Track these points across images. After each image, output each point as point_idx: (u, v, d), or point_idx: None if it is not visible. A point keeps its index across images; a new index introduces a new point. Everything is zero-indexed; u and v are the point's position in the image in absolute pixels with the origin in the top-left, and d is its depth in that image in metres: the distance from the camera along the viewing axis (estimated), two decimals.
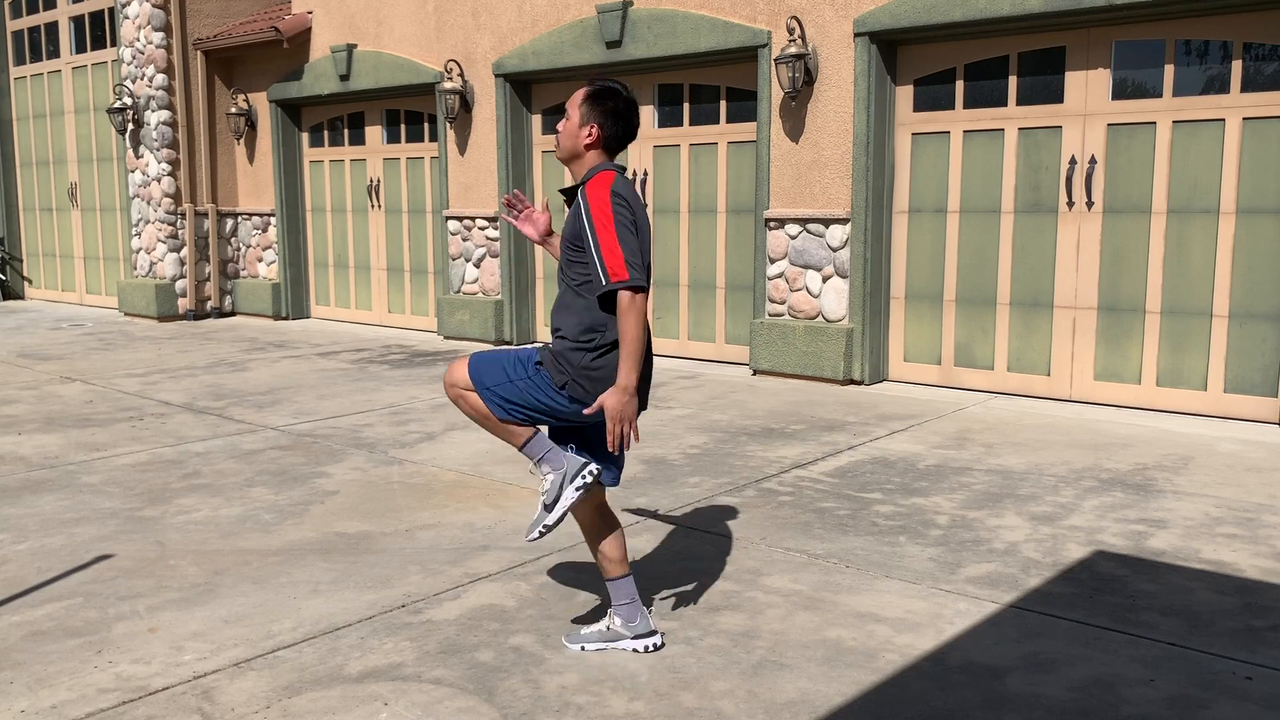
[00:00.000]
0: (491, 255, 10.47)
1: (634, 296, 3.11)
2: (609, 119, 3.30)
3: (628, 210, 3.18)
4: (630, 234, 3.15)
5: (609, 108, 3.30)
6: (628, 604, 3.45)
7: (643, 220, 3.33)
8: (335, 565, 4.27)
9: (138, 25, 12.34)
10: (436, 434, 6.56)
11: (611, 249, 3.12)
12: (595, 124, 3.29)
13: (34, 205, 15.46)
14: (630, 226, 3.16)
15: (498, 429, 3.32)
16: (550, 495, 3.28)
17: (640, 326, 3.13)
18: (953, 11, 7.28)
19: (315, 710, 3.07)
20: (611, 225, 3.13)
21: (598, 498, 3.53)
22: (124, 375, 8.85)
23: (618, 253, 3.11)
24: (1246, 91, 6.59)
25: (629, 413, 3.16)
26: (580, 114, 3.31)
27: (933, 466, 5.68)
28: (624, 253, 3.11)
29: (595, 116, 3.29)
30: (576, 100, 3.33)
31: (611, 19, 9.00)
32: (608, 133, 3.30)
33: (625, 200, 3.18)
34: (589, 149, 3.31)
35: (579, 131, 3.31)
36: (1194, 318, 6.90)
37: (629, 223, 3.16)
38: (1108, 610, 3.75)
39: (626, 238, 3.13)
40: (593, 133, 3.29)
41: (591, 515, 3.50)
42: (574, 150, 3.33)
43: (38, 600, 3.93)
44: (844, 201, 7.98)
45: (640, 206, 3.30)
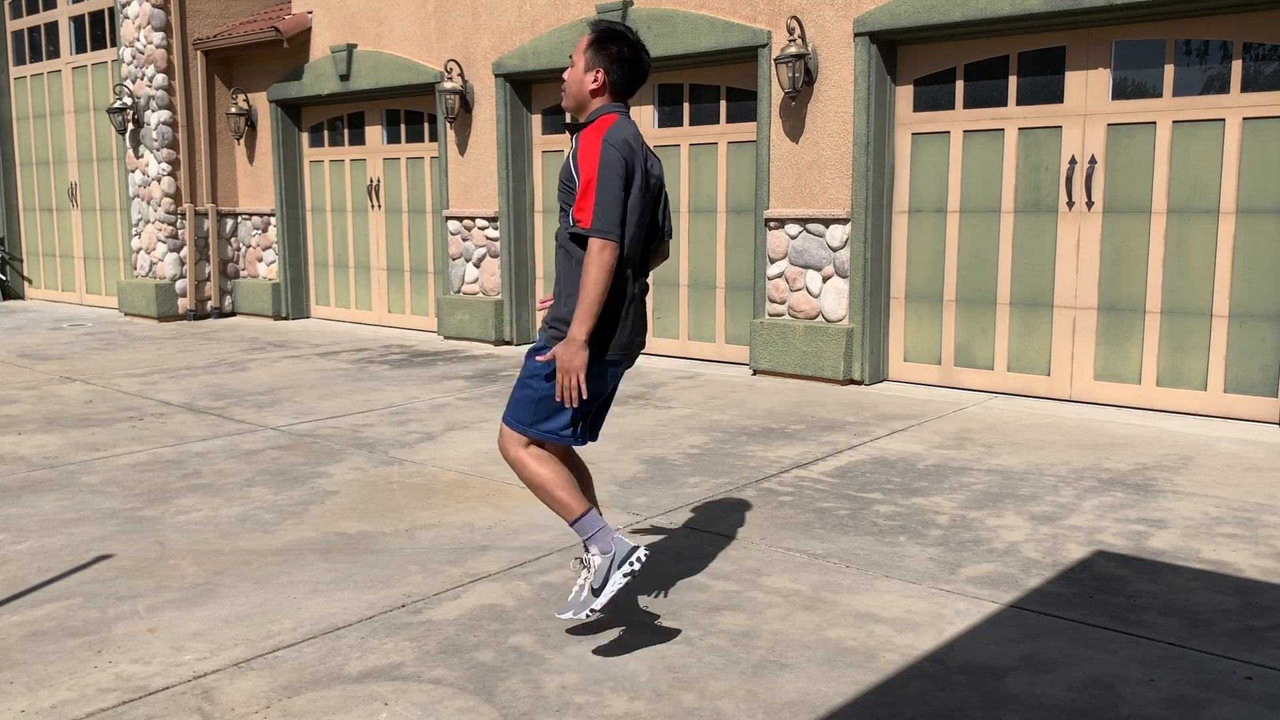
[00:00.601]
0: (491, 255, 10.47)
1: (603, 245, 3.04)
2: (614, 64, 3.22)
3: (618, 158, 3.08)
4: (613, 186, 3.06)
5: (614, 52, 3.22)
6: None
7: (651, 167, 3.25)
8: (335, 565, 4.27)
9: (138, 25, 12.34)
10: (436, 434, 6.56)
11: (586, 195, 3.06)
12: (600, 69, 3.22)
13: (34, 205, 15.46)
14: (614, 177, 3.07)
15: (554, 501, 3.28)
16: (598, 579, 3.23)
17: (601, 278, 3.05)
18: (953, 11, 7.28)
19: (315, 710, 3.07)
20: (594, 173, 3.06)
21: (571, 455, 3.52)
22: (124, 375, 8.85)
23: (590, 199, 3.05)
24: (1246, 91, 6.59)
25: (576, 364, 3.10)
26: (585, 59, 3.24)
27: (933, 466, 5.68)
28: (597, 203, 3.05)
29: (600, 61, 3.22)
30: (581, 46, 3.26)
31: (611, 19, 9.00)
32: (614, 78, 3.23)
33: (617, 147, 3.09)
34: (595, 95, 3.25)
35: (584, 77, 3.24)
36: (1194, 318, 6.90)
37: (614, 173, 3.07)
38: (1108, 610, 3.75)
39: (607, 188, 3.05)
40: (598, 78, 3.22)
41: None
42: (580, 97, 3.26)
43: (38, 600, 3.93)
44: (844, 201, 7.98)
45: (641, 154, 3.20)
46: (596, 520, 3.29)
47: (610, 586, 3.23)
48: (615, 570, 3.23)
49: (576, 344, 3.11)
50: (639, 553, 3.24)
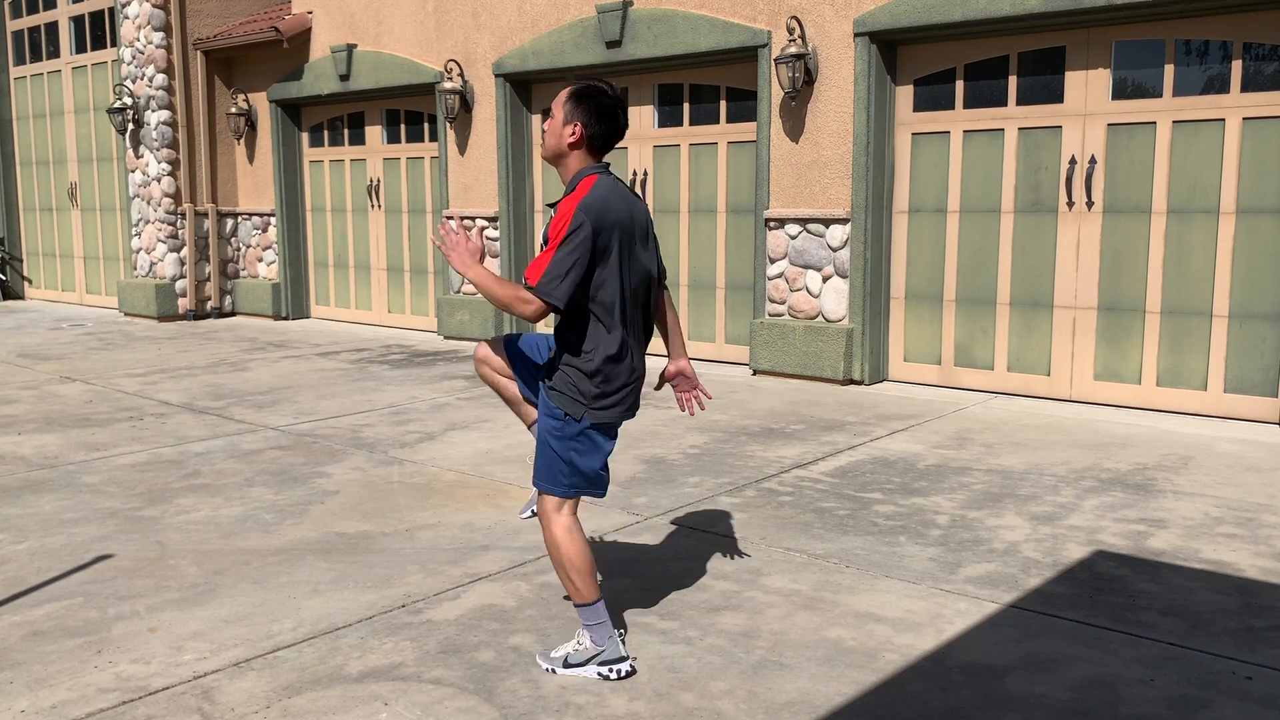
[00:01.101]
0: (491, 255, 10.46)
1: (531, 300, 3.12)
2: (593, 118, 3.27)
3: (586, 228, 3.12)
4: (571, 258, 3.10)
5: (592, 107, 3.27)
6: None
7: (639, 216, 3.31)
8: (335, 565, 4.27)
9: (138, 25, 12.34)
10: (436, 434, 6.56)
11: (545, 257, 3.13)
12: (579, 122, 3.26)
13: (34, 205, 15.46)
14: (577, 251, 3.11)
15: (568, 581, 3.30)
16: (577, 658, 3.29)
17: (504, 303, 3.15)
18: (953, 11, 7.28)
19: (315, 710, 3.07)
20: (559, 240, 3.13)
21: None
22: (124, 375, 8.85)
23: (544, 264, 3.12)
24: (1246, 91, 6.59)
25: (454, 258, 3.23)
26: (564, 113, 3.28)
27: (933, 466, 5.68)
28: (550, 266, 3.11)
29: (579, 115, 3.27)
30: (561, 99, 3.31)
31: (611, 19, 9.00)
32: (591, 131, 3.27)
33: (589, 217, 3.13)
34: (573, 148, 3.29)
35: (562, 130, 3.29)
36: (1194, 318, 6.90)
37: (581, 247, 3.12)
38: (1107, 610, 3.75)
39: (563, 259, 3.11)
40: (576, 131, 3.27)
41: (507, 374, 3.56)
42: (558, 149, 3.32)
43: (38, 600, 3.93)
44: (844, 201, 7.98)
45: (622, 204, 3.24)
46: (601, 613, 3.32)
47: (582, 671, 3.28)
48: (594, 664, 3.28)
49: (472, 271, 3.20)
50: (624, 666, 3.28)
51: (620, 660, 3.28)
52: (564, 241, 3.11)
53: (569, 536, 3.29)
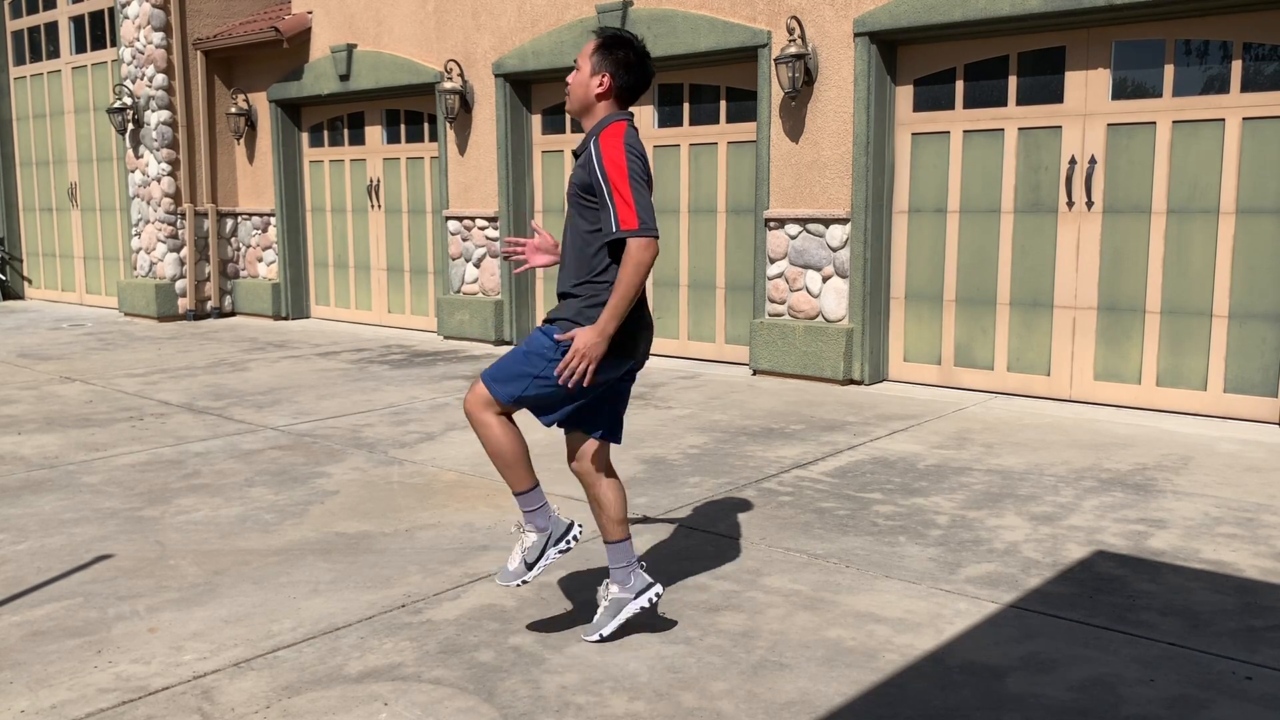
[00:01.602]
0: (491, 255, 10.47)
1: (644, 244, 3.11)
2: (620, 69, 3.29)
3: (640, 163, 3.19)
4: (643, 188, 3.17)
5: (620, 58, 3.29)
6: (624, 567, 3.46)
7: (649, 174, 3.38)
8: (335, 565, 4.27)
9: (138, 25, 12.34)
10: (436, 434, 6.56)
11: (625, 200, 3.13)
12: (607, 73, 3.28)
13: (34, 205, 15.46)
14: (643, 179, 3.18)
15: (508, 469, 3.32)
16: (533, 553, 3.34)
17: (640, 276, 3.13)
18: (953, 11, 7.28)
19: (315, 710, 3.07)
20: (626, 177, 3.13)
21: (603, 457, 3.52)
22: (124, 375, 8.85)
23: (630, 204, 3.12)
24: (1246, 91, 6.59)
25: (594, 353, 3.17)
26: (592, 64, 3.30)
27: (933, 466, 5.68)
28: (637, 205, 3.12)
29: (607, 66, 3.28)
30: (588, 51, 3.33)
31: (611, 19, 9.00)
32: (619, 83, 3.29)
33: (637, 154, 3.19)
34: (600, 99, 3.31)
35: (590, 81, 3.30)
36: (1194, 318, 6.90)
37: (641, 175, 3.17)
38: (1107, 610, 3.75)
39: (640, 190, 3.15)
40: (604, 82, 3.28)
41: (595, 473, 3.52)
42: (585, 101, 3.32)
43: (38, 600, 3.93)
44: (844, 201, 7.98)
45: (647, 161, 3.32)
46: (538, 497, 3.38)
47: (543, 561, 3.37)
48: (551, 547, 3.37)
49: (603, 335, 3.17)
50: (574, 530, 3.40)
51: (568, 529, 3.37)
52: (631, 179, 3.14)
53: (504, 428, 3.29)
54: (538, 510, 3.37)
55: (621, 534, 3.48)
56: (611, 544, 3.49)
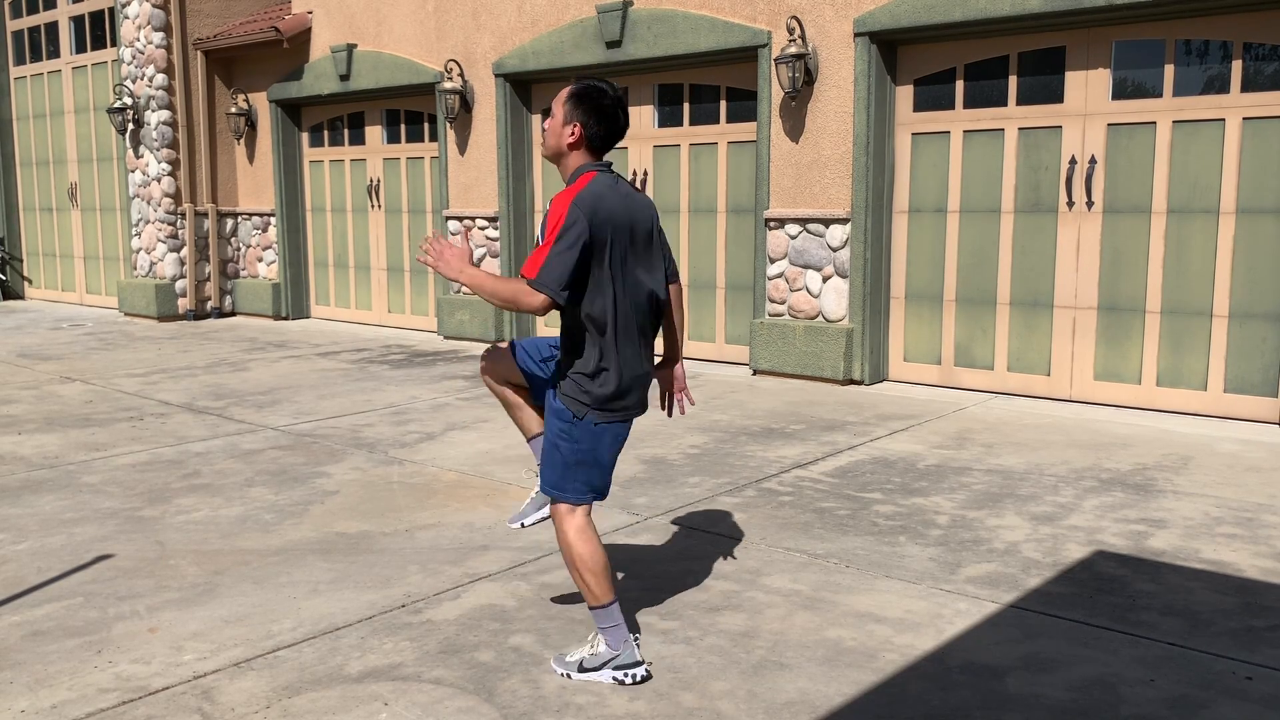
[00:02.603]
0: (491, 255, 10.47)
1: (533, 293, 3.09)
2: (592, 117, 3.26)
3: (581, 221, 3.11)
4: (567, 252, 3.09)
5: (591, 107, 3.26)
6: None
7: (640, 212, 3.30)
8: (335, 565, 4.27)
9: (138, 25, 12.34)
10: (436, 434, 6.56)
11: (542, 252, 3.11)
12: (579, 123, 3.26)
13: (34, 205, 15.46)
14: (573, 244, 3.09)
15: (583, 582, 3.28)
16: (592, 662, 3.26)
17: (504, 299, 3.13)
18: (953, 11, 7.28)
19: (315, 710, 3.07)
20: (554, 235, 3.11)
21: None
22: (124, 375, 8.85)
23: (541, 258, 3.10)
24: (1246, 91, 6.59)
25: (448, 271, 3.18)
26: (564, 112, 3.28)
27: (933, 466, 5.68)
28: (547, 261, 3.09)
29: (579, 115, 3.26)
30: (561, 99, 3.30)
31: (611, 19, 9.00)
32: (591, 131, 3.27)
33: (583, 211, 3.11)
34: (572, 148, 3.29)
35: (562, 130, 3.28)
36: (1194, 318, 6.90)
37: (574, 241, 3.10)
38: (1108, 610, 3.75)
39: (560, 254, 3.09)
40: (575, 131, 3.26)
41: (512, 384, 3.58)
42: (558, 149, 3.31)
43: (38, 600, 3.93)
44: (844, 201, 7.98)
45: (618, 201, 3.22)
46: (617, 615, 3.29)
47: (597, 676, 3.26)
48: (608, 669, 3.26)
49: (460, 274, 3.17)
50: (640, 670, 3.26)
51: (635, 665, 3.25)
52: (560, 236, 3.10)
53: (581, 537, 3.27)
54: (615, 629, 3.27)
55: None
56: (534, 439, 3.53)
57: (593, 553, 3.27)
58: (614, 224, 3.19)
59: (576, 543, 3.27)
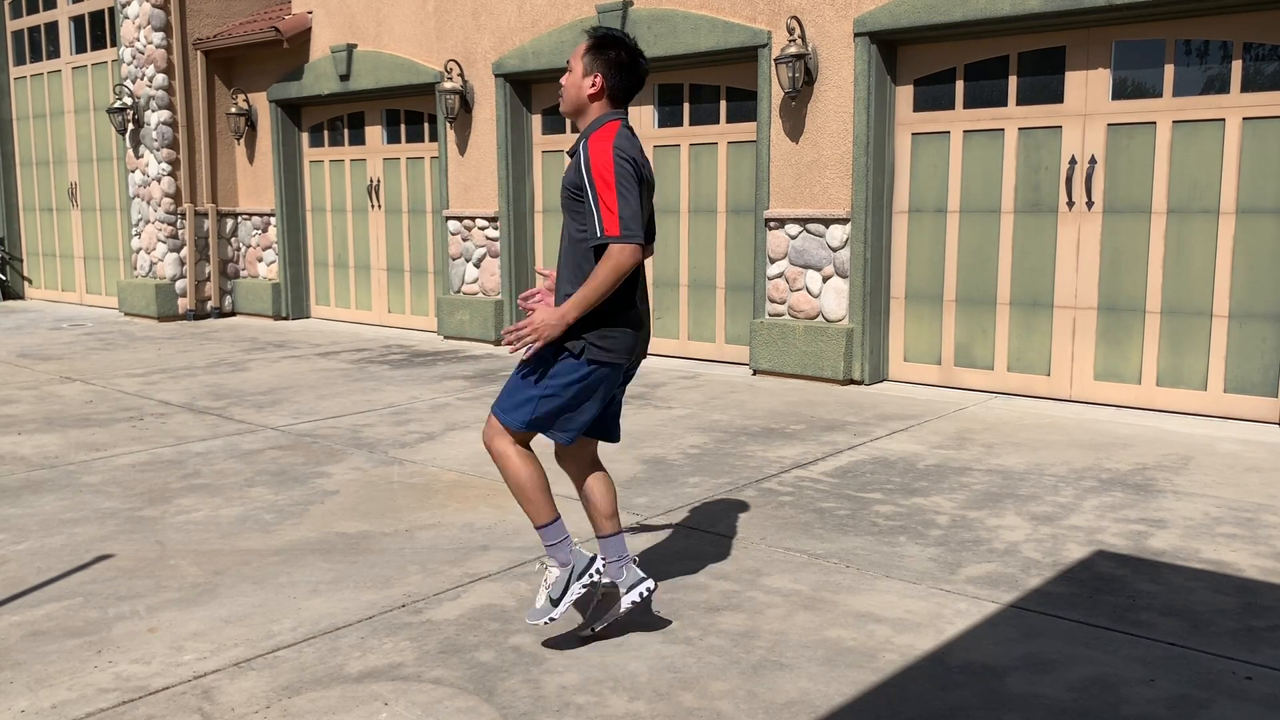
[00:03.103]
0: (491, 255, 10.47)
1: (624, 248, 3.08)
2: (612, 69, 3.26)
3: (630, 166, 3.13)
4: (630, 192, 3.11)
5: (612, 58, 3.26)
6: (615, 562, 3.44)
7: (647, 174, 3.31)
8: (335, 565, 4.27)
9: (138, 25, 12.34)
10: (436, 434, 6.56)
11: (610, 205, 3.09)
12: (599, 74, 3.26)
13: (34, 205, 15.46)
14: (631, 184, 3.12)
15: (528, 501, 3.31)
16: (557, 589, 3.30)
17: (614, 277, 3.09)
18: (953, 11, 7.28)
19: (315, 710, 3.07)
20: (612, 181, 3.09)
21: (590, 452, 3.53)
22: (124, 375, 8.85)
23: (614, 210, 3.08)
24: (1246, 91, 6.59)
25: (546, 334, 3.14)
26: (584, 65, 3.28)
27: (933, 466, 5.68)
28: (621, 211, 3.08)
29: (599, 66, 3.26)
30: (579, 52, 3.30)
31: (611, 19, 9.00)
32: (611, 83, 3.27)
33: (627, 156, 3.14)
34: (593, 100, 3.28)
35: (582, 82, 3.28)
36: (1194, 318, 6.90)
37: (630, 179, 3.12)
38: (1108, 610, 3.75)
39: (626, 196, 3.10)
40: (596, 83, 3.26)
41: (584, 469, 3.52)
42: (578, 102, 3.30)
43: (38, 600, 3.93)
44: (844, 201, 7.98)
45: (644, 160, 3.26)
46: (561, 530, 3.35)
47: (568, 596, 3.33)
48: (575, 581, 3.32)
49: (562, 320, 3.15)
50: (597, 564, 3.34)
51: (590, 562, 3.32)
52: (617, 184, 3.09)
53: (522, 459, 3.30)
54: (559, 544, 3.34)
55: (612, 528, 3.49)
56: (603, 538, 3.50)
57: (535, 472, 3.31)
58: (642, 175, 3.23)
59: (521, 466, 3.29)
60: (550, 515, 3.33)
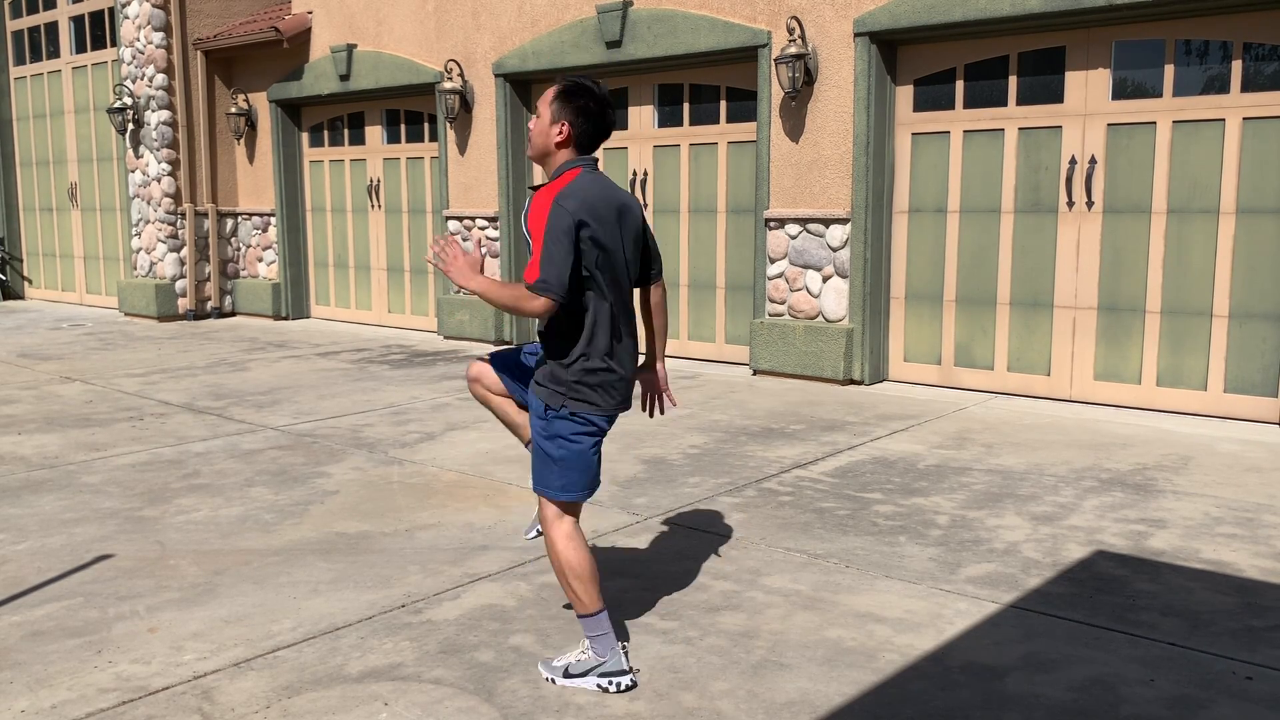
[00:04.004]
0: (492, 255, 10.47)
1: (534, 297, 3.07)
2: (580, 116, 3.24)
3: (566, 218, 3.08)
4: (562, 251, 3.06)
5: (580, 105, 3.24)
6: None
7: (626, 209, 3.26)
8: (335, 565, 4.27)
9: (138, 25, 12.34)
10: (436, 434, 6.56)
11: (536, 254, 3.10)
12: (566, 121, 3.23)
13: (34, 205, 15.46)
14: (562, 236, 3.07)
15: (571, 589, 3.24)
16: (577, 669, 3.23)
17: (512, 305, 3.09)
18: (953, 11, 7.28)
19: (315, 710, 3.07)
20: (541, 232, 3.09)
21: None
22: (124, 375, 8.85)
23: (537, 259, 3.09)
24: (1246, 91, 6.59)
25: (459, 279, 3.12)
26: (551, 111, 3.25)
27: (933, 466, 5.68)
28: (542, 261, 3.07)
29: (566, 114, 3.24)
30: (548, 98, 3.27)
31: (611, 19, 9.00)
32: (578, 130, 3.24)
33: (567, 210, 3.09)
34: (560, 147, 3.26)
35: (550, 129, 3.25)
36: (1194, 318, 6.90)
37: (562, 231, 3.07)
38: (1108, 610, 3.75)
39: (550, 248, 3.07)
40: (563, 130, 3.24)
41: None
42: (545, 149, 3.28)
43: (38, 600, 3.93)
44: (844, 201, 7.98)
45: (601, 197, 3.19)
46: (605, 624, 3.25)
47: (581, 683, 3.23)
48: (594, 676, 3.22)
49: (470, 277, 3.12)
50: (625, 680, 3.21)
51: (621, 674, 3.21)
52: (548, 234, 3.07)
53: (569, 544, 3.24)
54: (602, 637, 3.23)
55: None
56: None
57: (580, 560, 3.23)
58: (599, 219, 3.16)
59: (565, 550, 3.23)
60: (595, 606, 3.24)
